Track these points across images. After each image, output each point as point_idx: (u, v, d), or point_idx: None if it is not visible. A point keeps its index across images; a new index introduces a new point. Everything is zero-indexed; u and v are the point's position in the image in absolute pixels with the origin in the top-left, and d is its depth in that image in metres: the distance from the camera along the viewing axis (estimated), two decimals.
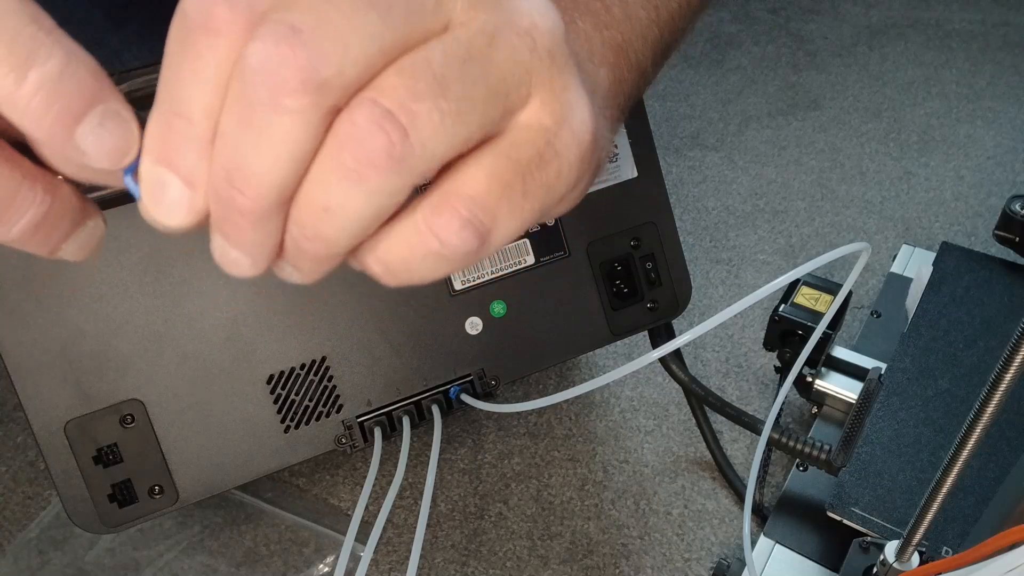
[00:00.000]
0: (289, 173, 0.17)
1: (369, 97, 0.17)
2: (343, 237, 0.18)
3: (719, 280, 0.73)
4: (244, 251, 0.19)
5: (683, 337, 0.39)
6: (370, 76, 0.17)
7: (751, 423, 0.52)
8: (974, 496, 0.46)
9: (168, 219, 0.18)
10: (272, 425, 0.43)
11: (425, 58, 0.17)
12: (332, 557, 0.53)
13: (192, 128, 0.17)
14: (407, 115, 0.17)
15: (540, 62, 0.19)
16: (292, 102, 0.16)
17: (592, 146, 0.21)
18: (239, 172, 0.17)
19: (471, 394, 0.46)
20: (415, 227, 0.19)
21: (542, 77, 0.19)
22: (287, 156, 0.17)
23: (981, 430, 0.33)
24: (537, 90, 0.19)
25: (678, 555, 0.53)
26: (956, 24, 1.07)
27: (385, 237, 0.19)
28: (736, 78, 1.00)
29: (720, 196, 0.82)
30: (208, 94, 0.17)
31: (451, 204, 0.18)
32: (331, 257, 0.19)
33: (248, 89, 0.17)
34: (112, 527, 0.40)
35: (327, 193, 0.18)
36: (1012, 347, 0.29)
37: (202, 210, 0.18)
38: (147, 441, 0.40)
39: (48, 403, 0.39)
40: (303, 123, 0.17)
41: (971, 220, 0.78)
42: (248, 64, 0.16)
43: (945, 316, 0.57)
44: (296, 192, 0.18)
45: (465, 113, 0.18)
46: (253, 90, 0.16)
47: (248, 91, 0.17)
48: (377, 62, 0.17)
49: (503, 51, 0.18)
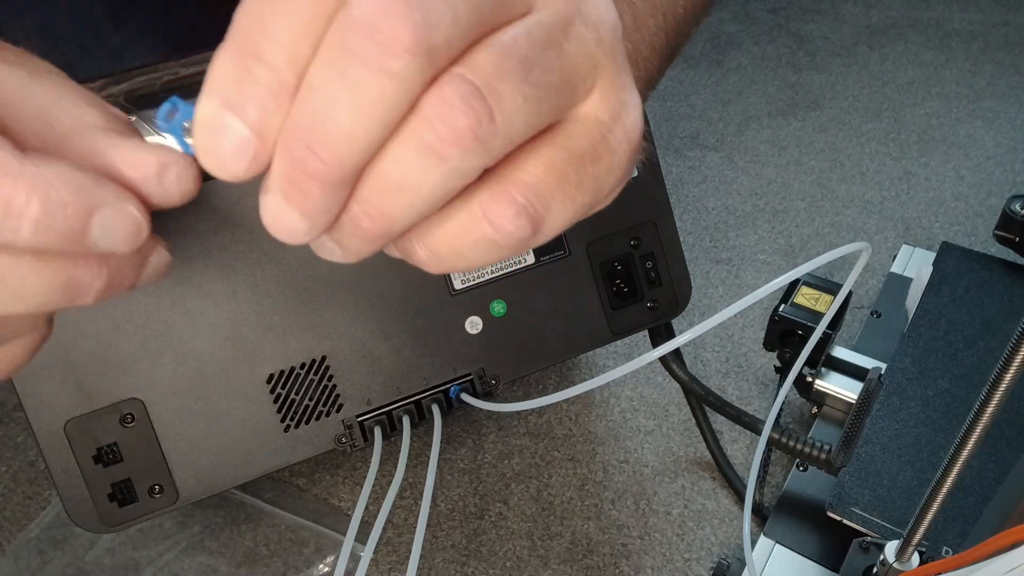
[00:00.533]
0: (374, 140, 0.16)
1: (460, 72, 0.16)
2: (407, 216, 0.18)
3: (719, 280, 0.73)
4: (304, 216, 0.17)
5: (683, 336, 0.39)
6: (466, 48, 0.17)
7: (751, 423, 0.52)
8: (974, 496, 0.46)
9: (227, 167, 0.17)
10: (272, 424, 0.43)
11: (513, 38, 0.17)
12: (332, 557, 0.53)
13: (273, 75, 0.16)
14: (494, 95, 0.17)
15: (605, 56, 0.19)
16: (397, 62, 0.15)
17: (639, 145, 0.21)
18: (321, 131, 0.16)
19: (471, 393, 0.46)
20: (470, 213, 0.18)
21: (605, 72, 0.19)
22: (377, 121, 0.16)
23: (981, 430, 0.33)
24: (600, 84, 0.19)
25: (678, 555, 0.53)
26: (956, 24, 1.07)
27: (438, 222, 0.19)
28: (736, 78, 1.00)
29: (720, 196, 0.82)
30: (298, 40, 0.16)
31: (508, 191, 0.18)
32: (387, 236, 0.18)
33: (351, 40, 0.15)
34: (112, 526, 0.40)
35: (402, 168, 0.17)
36: (1012, 347, 0.29)
37: (264, 164, 0.17)
38: (147, 440, 0.40)
39: (48, 402, 0.39)
40: (403, 88, 0.16)
41: (971, 220, 0.78)
42: (355, 13, 0.15)
43: (945, 316, 0.57)
44: (369, 163, 0.17)
45: (544, 99, 0.18)
46: (357, 42, 0.15)
47: (350, 43, 0.15)
48: (475, 35, 0.17)
49: (576, 41, 0.18)
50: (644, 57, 0.32)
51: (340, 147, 0.16)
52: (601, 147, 0.20)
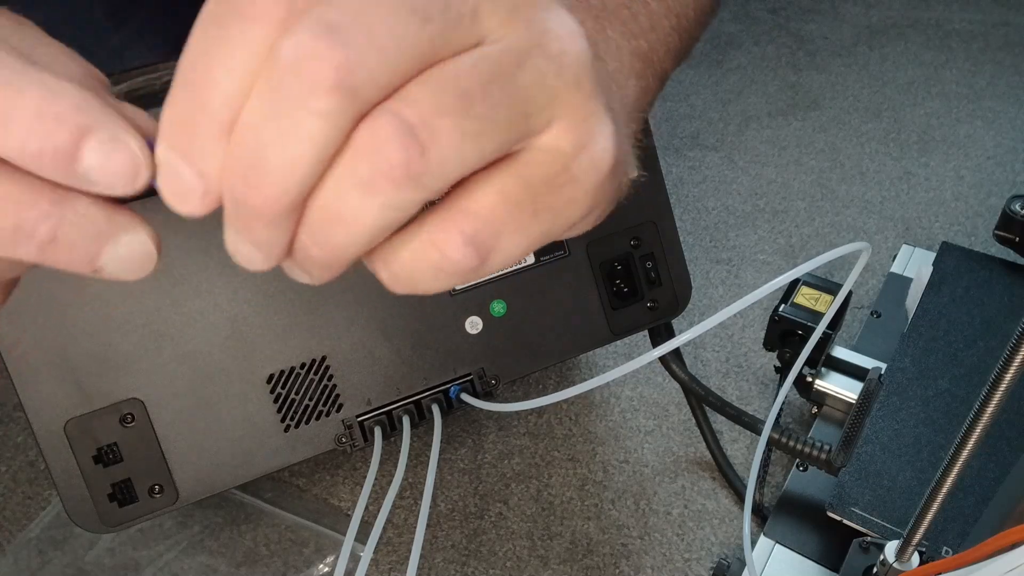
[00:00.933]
0: (307, 176, 0.17)
1: (393, 108, 0.17)
2: (352, 246, 0.18)
3: (719, 280, 0.73)
4: (255, 246, 0.18)
5: (683, 336, 0.39)
6: (399, 84, 0.17)
7: (751, 423, 0.52)
8: (974, 496, 0.46)
9: (181, 206, 0.18)
10: (272, 424, 0.43)
11: (454, 72, 0.17)
12: (332, 557, 0.53)
13: (211, 117, 0.17)
14: (428, 131, 0.17)
15: (565, 88, 0.19)
16: (323, 102, 0.16)
17: (611, 173, 0.21)
18: (256, 169, 0.17)
19: (471, 393, 0.46)
20: (421, 240, 0.19)
21: (566, 103, 0.19)
22: (308, 158, 0.16)
23: (981, 430, 0.33)
24: (560, 115, 0.19)
25: (678, 555, 0.53)
26: (956, 24, 1.07)
27: (393, 246, 0.19)
28: (736, 78, 1.00)
29: (720, 196, 0.82)
30: (234, 83, 0.16)
31: (456, 220, 0.18)
32: (339, 264, 0.19)
33: (278, 83, 0.16)
34: (112, 526, 0.40)
35: (340, 202, 0.17)
36: (1012, 347, 0.29)
37: (215, 200, 0.18)
38: (147, 440, 0.40)
39: (48, 402, 0.39)
40: (330, 125, 0.16)
41: (971, 220, 0.78)
42: (282, 56, 0.16)
43: (945, 316, 0.57)
44: (309, 197, 0.17)
45: (485, 133, 0.18)
46: (284, 83, 0.16)
47: (278, 84, 0.16)
48: (409, 70, 0.17)
49: (530, 73, 0.18)
50: (660, 58, 0.32)
51: (275, 183, 0.17)
52: (561, 177, 0.19)
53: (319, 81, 0.16)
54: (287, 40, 0.16)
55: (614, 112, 0.21)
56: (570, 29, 0.19)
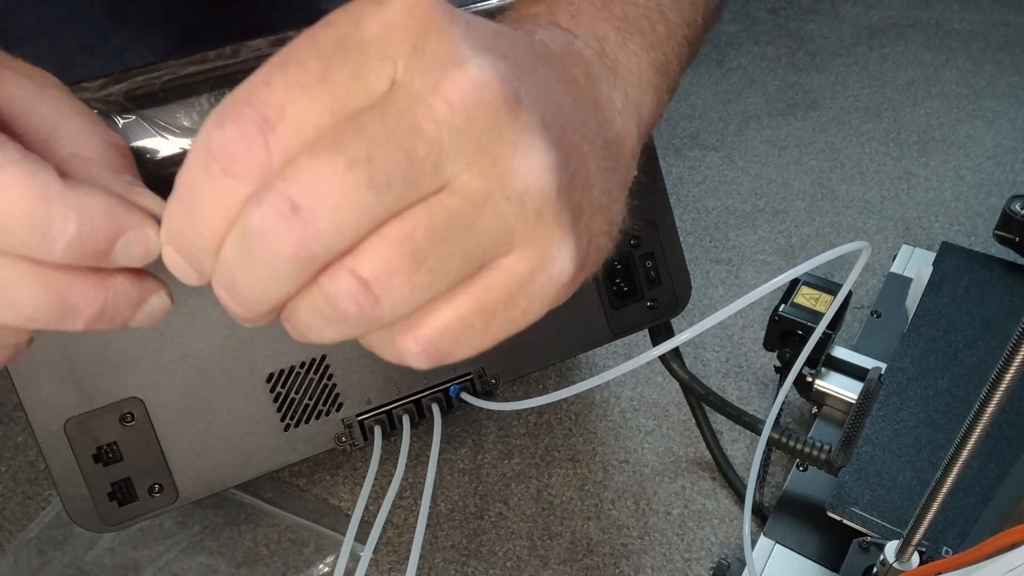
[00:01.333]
0: (275, 303, 0.20)
1: (348, 267, 0.18)
2: (325, 339, 0.21)
3: (719, 280, 0.73)
4: (243, 315, 0.21)
5: (683, 335, 0.39)
6: (357, 243, 0.19)
7: (751, 423, 0.52)
8: (974, 496, 0.46)
9: (184, 281, 0.21)
10: (272, 424, 0.43)
11: (410, 228, 0.18)
12: (332, 557, 0.53)
13: (201, 239, 0.19)
14: (381, 287, 0.19)
15: (525, 223, 0.20)
16: (283, 265, 0.18)
17: (571, 283, 0.22)
18: (234, 290, 0.20)
19: (471, 393, 0.46)
20: (385, 335, 0.21)
21: (524, 235, 0.20)
22: (274, 294, 0.19)
23: (981, 430, 0.33)
24: (518, 245, 0.20)
25: (678, 555, 0.53)
26: (956, 24, 1.07)
27: (366, 337, 0.21)
28: (736, 78, 1.00)
29: (720, 196, 0.82)
30: (218, 219, 0.19)
31: (414, 334, 0.20)
32: (322, 342, 0.22)
33: (248, 243, 0.18)
34: (112, 526, 0.40)
35: (306, 319, 0.20)
36: (1012, 347, 0.29)
37: (209, 279, 0.21)
38: (147, 439, 0.40)
39: (48, 401, 0.39)
40: (290, 278, 0.19)
41: (971, 220, 0.78)
42: (250, 223, 0.18)
43: (945, 316, 0.57)
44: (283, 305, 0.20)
45: (437, 280, 0.19)
46: (252, 246, 0.18)
47: (248, 244, 0.18)
48: (366, 233, 0.18)
49: (488, 218, 0.19)
50: (674, 69, 0.33)
51: (249, 303, 0.20)
52: (517, 296, 0.21)
53: (280, 251, 0.18)
54: (255, 211, 0.18)
55: (584, 218, 0.23)
56: (537, 162, 0.20)
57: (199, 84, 0.39)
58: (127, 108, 0.38)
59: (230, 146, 0.18)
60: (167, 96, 0.39)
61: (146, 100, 0.38)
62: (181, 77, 0.39)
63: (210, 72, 0.39)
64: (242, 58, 0.40)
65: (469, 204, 0.19)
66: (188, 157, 0.19)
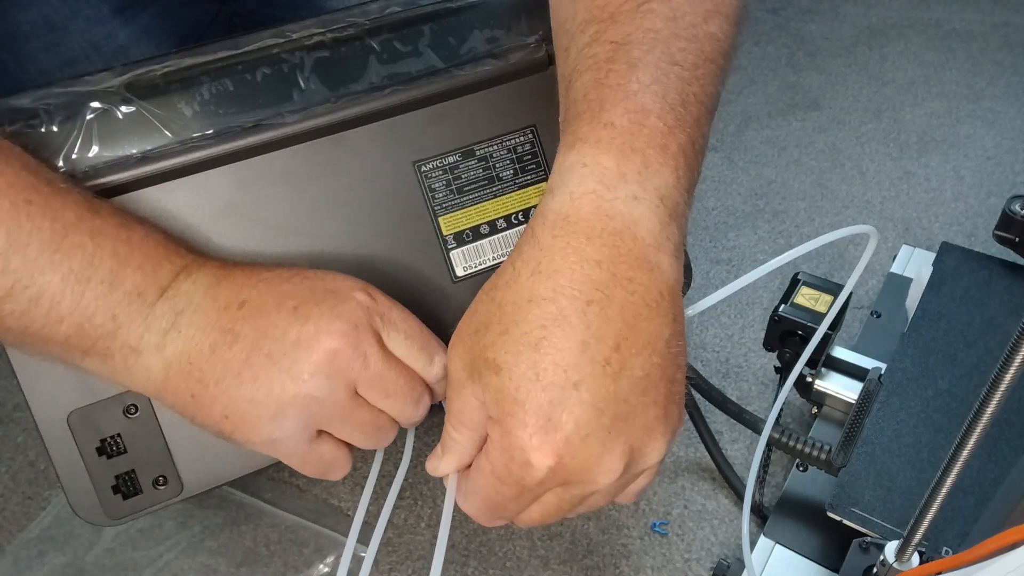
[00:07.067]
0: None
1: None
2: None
3: (719, 280, 0.73)
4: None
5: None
6: None
7: (751, 421, 0.52)
8: (974, 496, 0.46)
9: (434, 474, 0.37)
10: None
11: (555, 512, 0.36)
12: (332, 557, 0.53)
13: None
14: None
15: (608, 495, 0.37)
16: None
17: (652, 472, 0.39)
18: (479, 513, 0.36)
19: None
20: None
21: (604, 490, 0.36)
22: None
23: (981, 430, 0.33)
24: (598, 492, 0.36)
25: (678, 555, 0.53)
26: (956, 24, 1.07)
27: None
28: (736, 78, 1.00)
29: (720, 196, 0.82)
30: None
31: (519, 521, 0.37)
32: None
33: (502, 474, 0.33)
34: (116, 519, 0.40)
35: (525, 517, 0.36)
36: (1012, 347, 0.29)
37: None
38: (151, 432, 0.40)
39: (51, 394, 0.38)
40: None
41: (971, 220, 0.78)
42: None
43: (945, 316, 0.57)
44: None
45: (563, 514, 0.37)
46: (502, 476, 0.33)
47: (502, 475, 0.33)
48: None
49: (582, 507, 0.37)
50: (700, 147, 0.36)
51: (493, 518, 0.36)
52: (594, 498, 0.37)
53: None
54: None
55: (675, 404, 0.36)
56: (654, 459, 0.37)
57: (199, 75, 0.39)
58: (128, 99, 0.38)
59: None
60: (167, 87, 0.38)
61: (147, 91, 0.38)
62: (181, 69, 0.39)
63: (210, 64, 0.39)
64: (241, 50, 0.40)
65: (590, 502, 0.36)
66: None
